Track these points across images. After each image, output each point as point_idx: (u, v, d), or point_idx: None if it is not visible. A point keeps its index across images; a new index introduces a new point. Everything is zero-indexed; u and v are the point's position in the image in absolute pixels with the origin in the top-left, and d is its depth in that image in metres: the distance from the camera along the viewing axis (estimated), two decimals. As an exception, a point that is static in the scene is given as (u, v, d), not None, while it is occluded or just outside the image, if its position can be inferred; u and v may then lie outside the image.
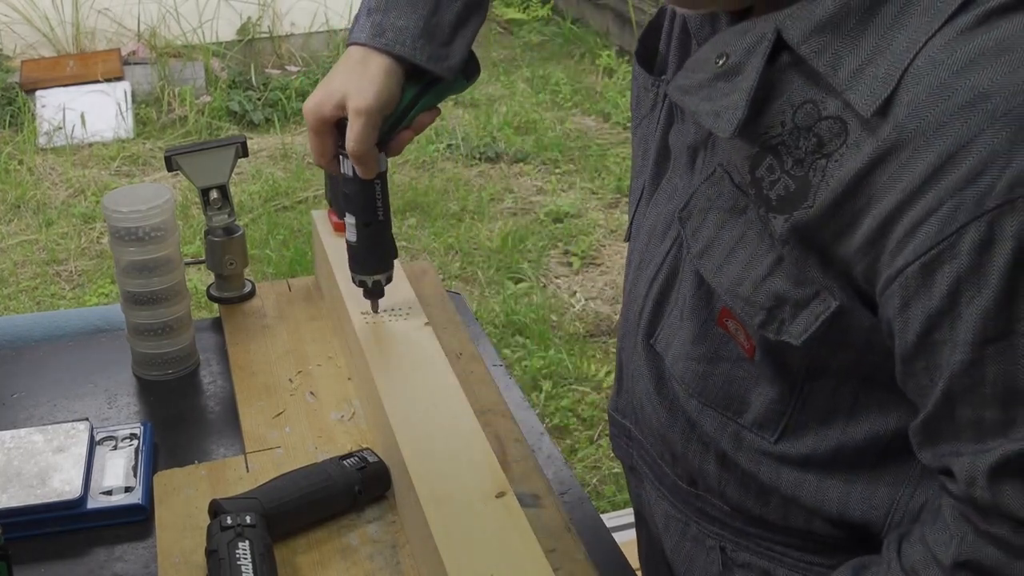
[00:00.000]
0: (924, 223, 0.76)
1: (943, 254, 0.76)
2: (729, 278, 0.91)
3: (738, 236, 0.90)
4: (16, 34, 5.12)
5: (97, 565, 1.10)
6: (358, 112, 1.12)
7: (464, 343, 1.45)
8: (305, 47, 5.48)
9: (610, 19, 5.83)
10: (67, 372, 1.41)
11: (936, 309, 0.78)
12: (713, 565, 1.07)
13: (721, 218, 0.92)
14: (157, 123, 4.84)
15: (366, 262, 1.23)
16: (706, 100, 0.87)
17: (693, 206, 0.95)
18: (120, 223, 1.32)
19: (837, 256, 0.83)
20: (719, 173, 0.92)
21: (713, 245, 0.93)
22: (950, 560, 0.83)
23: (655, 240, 1.04)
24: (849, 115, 0.79)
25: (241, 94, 4.98)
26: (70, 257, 3.82)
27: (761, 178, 0.86)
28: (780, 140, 0.84)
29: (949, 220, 0.75)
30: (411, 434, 1.09)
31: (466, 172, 4.41)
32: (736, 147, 0.88)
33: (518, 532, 0.96)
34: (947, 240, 0.75)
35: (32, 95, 4.80)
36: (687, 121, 0.99)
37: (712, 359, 0.98)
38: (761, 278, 0.89)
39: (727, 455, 1.00)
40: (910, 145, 0.76)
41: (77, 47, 5.21)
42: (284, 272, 3.60)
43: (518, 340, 3.31)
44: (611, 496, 2.71)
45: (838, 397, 0.93)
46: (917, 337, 0.80)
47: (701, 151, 0.97)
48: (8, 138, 4.63)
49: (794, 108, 0.83)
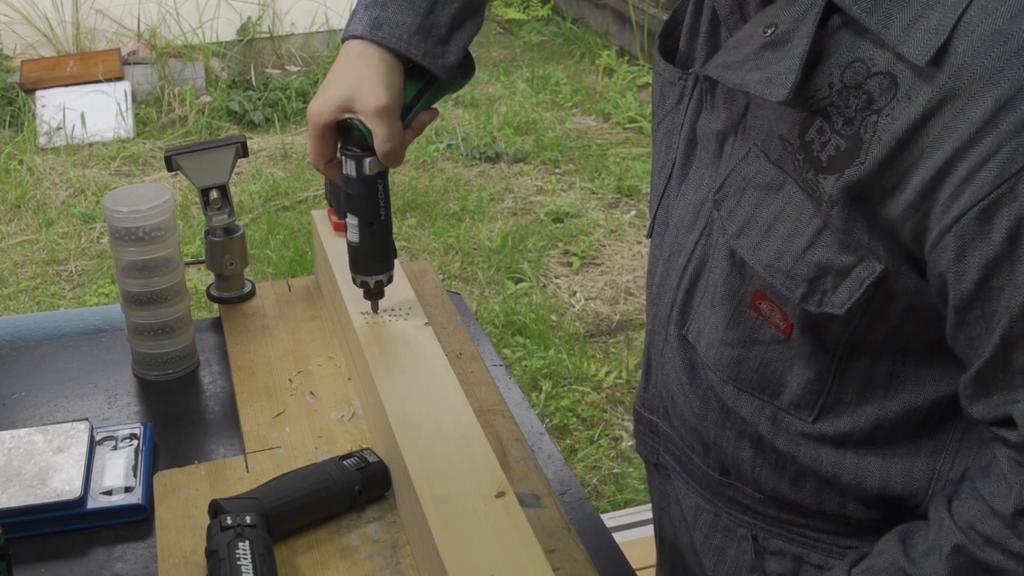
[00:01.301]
0: (982, 168, 0.77)
1: (1003, 197, 0.76)
2: (768, 254, 0.92)
3: (776, 212, 0.91)
4: (16, 34, 5.12)
5: (97, 565, 1.10)
6: (378, 112, 1.11)
7: (464, 343, 1.45)
8: (305, 47, 5.48)
9: (610, 19, 5.83)
10: (67, 372, 1.41)
11: (995, 254, 0.78)
12: (745, 554, 1.08)
13: (758, 196, 0.92)
14: (157, 123, 4.84)
15: (368, 263, 1.23)
16: (754, 70, 0.88)
17: (728, 188, 0.96)
18: (120, 223, 1.32)
19: (885, 217, 0.84)
20: (754, 153, 0.93)
21: (750, 223, 0.93)
22: (1011, 509, 0.83)
23: (684, 231, 1.05)
24: (900, 68, 0.80)
25: (241, 94, 4.98)
26: (70, 257, 3.82)
27: (811, 141, 0.86)
28: (829, 102, 0.84)
29: (1009, 163, 0.75)
30: (411, 434, 1.09)
31: (466, 172, 4.41)
32: (784, 115, 0.88)
33: (518, 532, 0.96)
34: (1007, 183, 0.76)
35: (32, 95, 4.80)
36: (717, 108, 0.99)
37: (746, 343, 0.98)
38: (803, 249, 0.89)
39: (763, 440, 1.00)
40: (966, 92, 0.77)
41: (77, 47, 5.21)
42: (284, 272, 3.60)
43: (518, 340, 3.31)
44: (611, 496, 2.71)
45: (874, 373, 0.94)
46: (975, 284, 0.80)
47: (731, 136, 0.98)
48: (8, 138, 4.63)
49: (842, 68, 0.84)
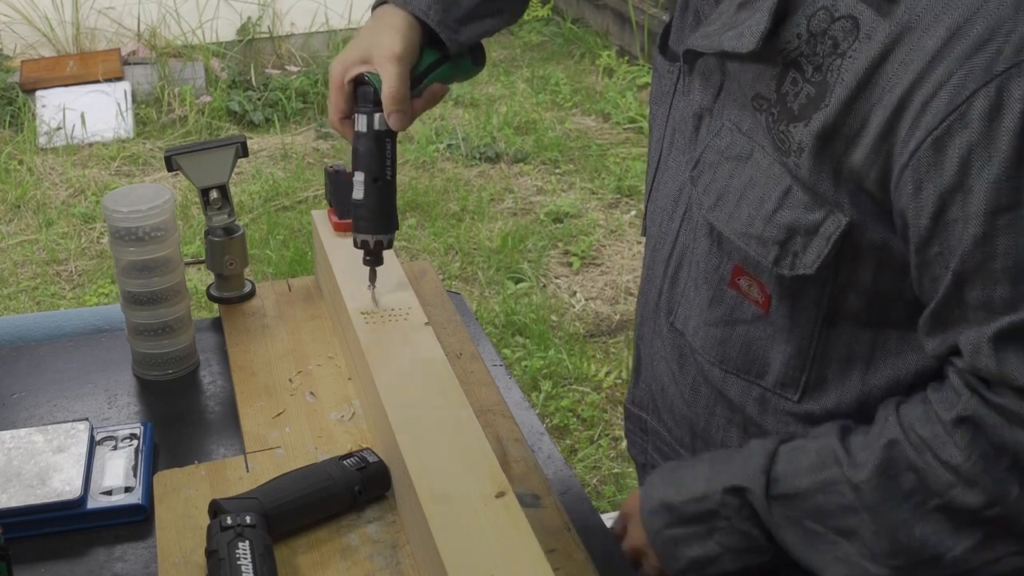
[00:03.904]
0: (935, 98, 0.78)
1: (954, 125, 0.77)
2: (741, 221, 0.93)
3: (747, 180, 0.93)
4: (16, 34, 5.12)
5: (97, 565, 1.10)
6: (388, 59, 1.13)
7: (464, 343, 1.45)
8: (305, 47, 5.48)
9: (610, 19, 5.83)
10: (67, 372, 1.41)
11: (949, 185, 0.79)
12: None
13: (731, 167, 0.94)
14: (157, 123, 4.84)
15: (371, 220, 1.22)
16: (728, 31, 0.91)
17: (703, 164, 0.98)
18: (120, 223, 1.32)
19: (850, 167, 0.85)
20: (727, 127, 0.95)
21: (724, 195, 0.95)
22: (952, 416, 0.84)
23: (665, 219, 1.07)
24: (861, 9, 0.82)
25: (241, 94, 4.98)
26: (70, 257, 3.82)
27: (786, 93, 0.88)
28: (800, 52, 0.87)
29: (959, 90, 0.76)
30: (411, 434, 1.09)
31: (466, 172, 4.41)
32: (761, 73, 0.91)
33: (518, 532, 0.96)
34: (957, 110, 0.77)
35: (32, 95, 4.80)
36: (693, 90, 1.01)
37: (728, 322, 1.00)
38: (772, 212, 0.91)
39: (752, 421, 1.01)
40: (920, 24, 0.79)
41: (77, 47, 5.21)
42: (284, 272, 3.60)
43: (518, 340, 3.31)
44: (611, 496, 2.71)
45: (855, 346, 0.95)
46: (931, 219, 0.81)
47: (706, 117, 1.00)
48: (8, 138, 4.63)
49: (808, 18, 0.86)
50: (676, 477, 1.04)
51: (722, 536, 1.00)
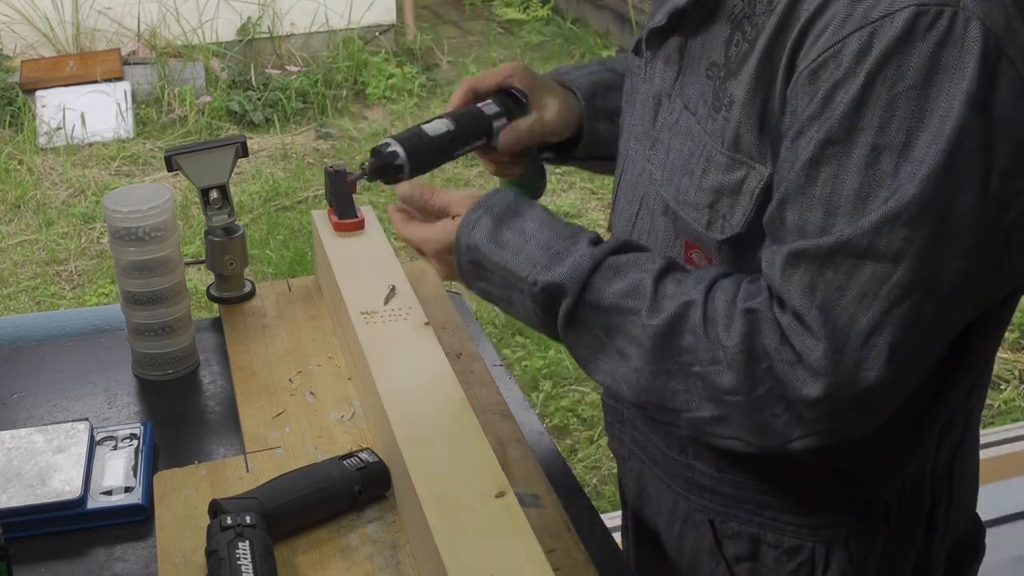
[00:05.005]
0: (823, 34, 0.85)
1: (828, 61, 0.85)
2: (681, 190, 0.99)
3: (687, 153, 0.99)
4: (16, 34, 5.12)
5: (97, 565, 1.10)
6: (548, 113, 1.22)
7: (464, 343, 1.45)
8: (305, 47, 5.48)
9: (610, 19, 5.83)
10: (67, 372, 1.41)
11: (808, 115, 0.86)
12: (704, 540, 1.12)
13: (677, 143, 1.01)
14: (157, 123, 4.84)
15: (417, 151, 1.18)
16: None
17: (658, 143, 1.04)
18: (120, 223, 1.32)
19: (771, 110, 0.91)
20: (679, 105, 1.01)
21: (672, 168, 1.01)
22: (744, 307, 0.90)
23: (630, 206, 1.11)
24: None
25: (241, 94, 4.98)
26: (70, 257, 3.82)
27: (732, 55, 0.95)
28: (742, 13, 0.94)
29: (839, 29, 0.84)
30: (411, 434, 1.09)
31: (466, 172, 4.41)
32: (712, 41, 0.97)
33: (518, 532, 0.96)
34: (834, 47, 0.84)
35: (32, 95, 4.80)
36: (652, 77, 1.07)
37: None
38: (699, 177, 0.97)
39: None
40: None
41: (77, 47, 5.21)
42: (284, 272, 3.60)
43: (518, 340, 3.31)
44: (611, 496, 2.71)
45: None
46: (789, 143, 0.88)
47: (665, 100, 1.05)
48: (8, 138, 4.63)
49: None
50: (502, 238, 1.03)
51: (515, 303, 1.03)
